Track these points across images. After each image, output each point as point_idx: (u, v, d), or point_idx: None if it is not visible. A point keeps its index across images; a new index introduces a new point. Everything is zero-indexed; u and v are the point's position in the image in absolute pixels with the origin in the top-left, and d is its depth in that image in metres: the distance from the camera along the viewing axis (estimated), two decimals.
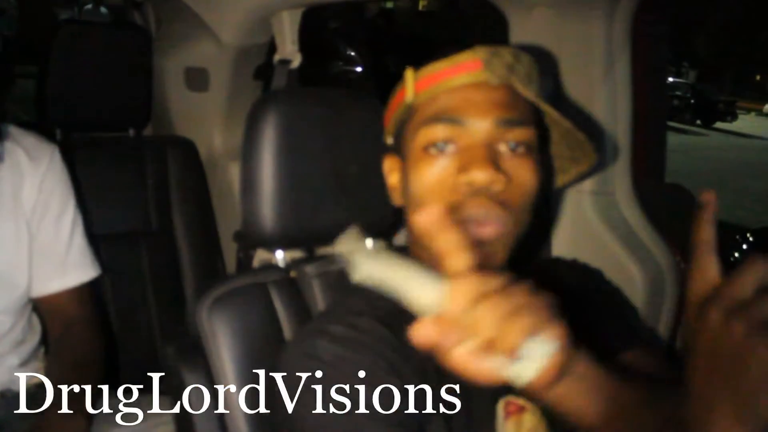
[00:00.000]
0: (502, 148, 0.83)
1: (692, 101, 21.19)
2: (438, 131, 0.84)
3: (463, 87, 0.85)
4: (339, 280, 1.10)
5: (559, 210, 1.39)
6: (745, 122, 23.26)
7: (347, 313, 0.88)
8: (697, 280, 0.62)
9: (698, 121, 21.06)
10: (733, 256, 2.57)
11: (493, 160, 0.81)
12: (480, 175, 0.79)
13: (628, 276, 1.32)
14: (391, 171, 0.96)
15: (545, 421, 0.89)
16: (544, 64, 1.35)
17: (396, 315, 0.86)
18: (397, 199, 0.95)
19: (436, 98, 0.86)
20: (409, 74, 0.90)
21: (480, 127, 0.82)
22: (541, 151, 0.89)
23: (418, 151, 0.86)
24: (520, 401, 0.88)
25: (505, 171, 0.81)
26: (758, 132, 20.73)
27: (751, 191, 10.14)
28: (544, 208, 1.03)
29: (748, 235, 2.77)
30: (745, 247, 2.71)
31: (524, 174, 0.84)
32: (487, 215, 0.81)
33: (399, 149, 0.93)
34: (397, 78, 0.93)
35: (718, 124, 21.37)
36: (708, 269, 0.62)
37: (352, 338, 0.82)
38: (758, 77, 37.63)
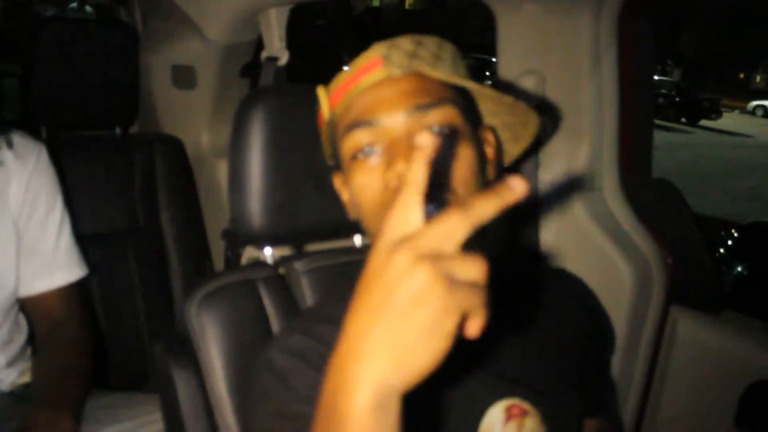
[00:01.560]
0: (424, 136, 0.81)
1: (677, 99, 21.32)
2: (357, 137, 0.84)
3: (371, 88, 0.84)
4: (327, 277, 1.10)
5: (547, 204, 1.40)
6: (730, 120, 23.43)
7: (316, 319, 0.88)
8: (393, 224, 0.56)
9: (683, 119, 21.19)
10: (719, 252, 2.60)
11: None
12: (402, 166, 0.78)
13: (615, 270, 1.33)
14: (341, 188, 0.96)
15: (546, 426, 0.90)
16: (531, 60, 1.36)
17: None
18: (352, 214, 0.94)
19: (350, 106, 0.86)
20: (320, 91, 0.91)
21: (394, 121, 0.82)
22: (475, 122, 0.88)
23: (348, 162, 0.86)
24: (525, 405, 0.89)
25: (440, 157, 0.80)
26: (742, 129, 20.88)
27: (736, 188, 10.23)
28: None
29: (733, 231, 2.80)
30: (730, 243, 2.74)
31: (462, 156, 0.82)
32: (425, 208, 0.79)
33: (338, 164, 0.93)
34: None
35: (703, 122, 21.51)
36: (409, 214, 0.56)
37: (305, 349, 0.82)
38: (742, 75, 37.94)
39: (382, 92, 0.83)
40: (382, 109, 0.82)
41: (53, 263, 1.43)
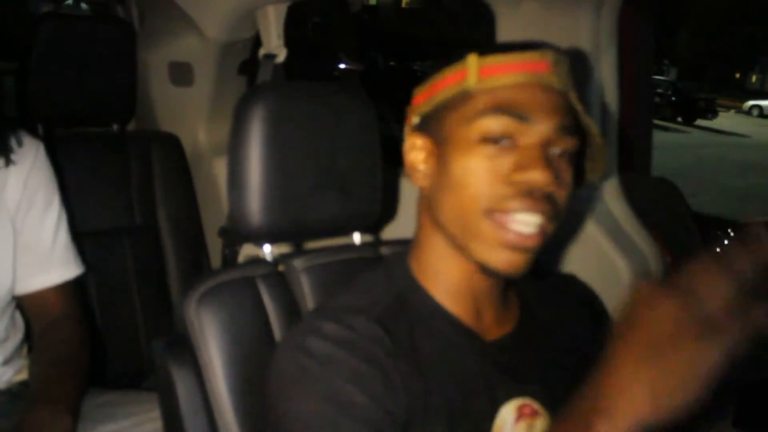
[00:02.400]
0: (554, 152, 0.83)
1: (673, 99, 21.37)
2: (499, 123, 0.81)
3: (529, 85, 0.83)
4: (327, 274, 1.10)
5: None
6: (726, 119, 23.48)
7: (343, 311, 0.87)
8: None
9: (679, 119, 21.24)
10: (715, 251, 2.60)
11: (550, 163, 0.80)
12: (539, 176, 0.79)
13: (614, 268, 1.33)
14: (416, 150, 0.90)
15: None
16: None
17: (393, 315, 0.87)
18: (419, 180, 0.90)
19: (499, 90, 0.83)
20: (473, 59, 0.85)
21: (542, 128, 0.81)
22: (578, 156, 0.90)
23: (472, 140, 0.82)
24: (536, 405, 0.89)
25: (557, 174, 0.82)
26: (738, 129, 20.93)
27: (732, 188, 10.25)
28: None
29: (729, 230, 2.80)
30: (726, 242, 2.74)
31: (567, 179, 0.84)
32: (533, 216, 0.81)
33: (433, 130, 0.88)
34: (384, 73, 0.91)
35: (699, 122, 21.56)
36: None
37: (345, 338, 0.82)
38: (738, 75, 38.03)
39: (541, 96, 0.82)
40: (541, 111, 0.81)
41: (50, 260, 1.42)
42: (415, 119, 0.92)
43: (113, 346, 1.83)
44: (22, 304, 1.43)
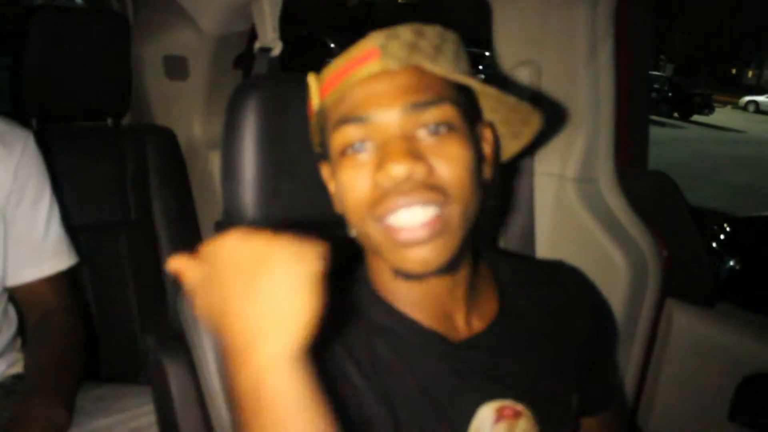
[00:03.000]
0: (421, 133, 0.78)
1: (670, 94, 21.39)
2: (348, 133, 0.80)
3: (365, 80, 0.79)
4: None
5: (542, 196, 1.39)
6: (722, 115, 23.52)
7: None
8: None
9: (675, 114, 21.27)
10: (711, 246, 2.60)
11: (409, 150, 0.76)
12: (395, 169, 0.75)
13: (611, 262, 1.33)
14: (328, 179, 0.91)
15: (540, 427, 0.89)
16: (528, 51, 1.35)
17: (347, 329, 0.84)
18: (337, 207, 0.89)
19: (342, 98, 0.81)
20: (311, 79, 0.86)
21: (388, 119, 0.78)
22: (473, 120, 0.85)
23: (337, 156, 0.82)
24: (518, 406, 0.87)
25: (426, 157, 0.77)
26: (735, 125, 20.97)
27: (728, 183, 10.27)
28: (494, 188, 1.00)
29: (725, 225, 2.80)
30: (722, 237, 2.75)
31: (451, 153, 0.78)
32: (413, 209, 0.77)
33: (326, 155, 0.88)
34: None
35: (696, 117, 21.59)
36: None
37: None
38: (734, 71, 38.09)
39: (378, 86, 0.79)
40: (377, 104, 0.78)
41: (42, 252, 1.41)
42: (317, 150, 0.93)
43: (108, 340, 1.82)
44: (15, 296, 1.43)
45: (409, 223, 0.77)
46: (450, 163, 0.78)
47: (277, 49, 1.77)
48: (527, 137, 0.94)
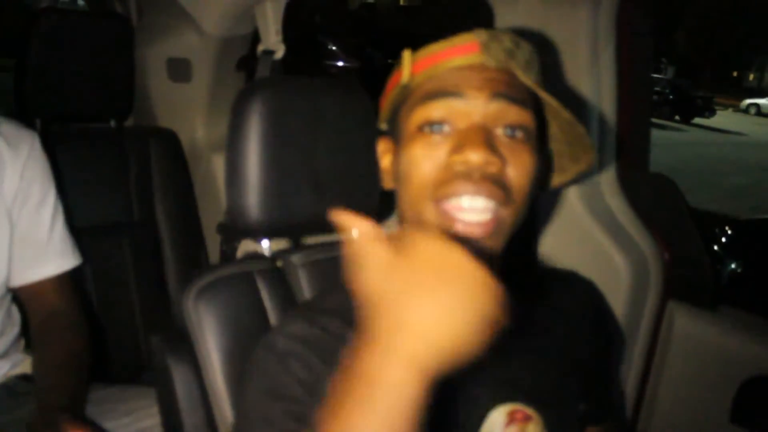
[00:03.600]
0: (499, 132, 0.80)
1: (671, 97, 21.36)
2: (433, 109, 0.81)
3: (460, 68, 0.82)
4: (325, 270, 1.10)
5: (544, 198, 1.40)
6: (723, 118, 23.49)
7: (321, 311, 0.87)
8: None
9: (677, 117, 21.24)
10: (713, 248, 2.60)
11: (489, 142, 0.78)
12: (474, 156, 0.76)
13: (612, 264, 1.33)
14: (384, 153, 0.92)
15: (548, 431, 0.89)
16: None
17: None
18: (387, 183, 0.91)
19: (432, 78, 0.83)
20: (406, 55, 0.87)
21: (475, 102, 0.80)
22: (540, 144, 0.86)
23: (413, 131, 0.83)
24: (528, 410, 0.88)
25: (502, 154, 0.78)
26: (736, 127, 20.95)
27: (729, 186, 10.26)
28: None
29: (727, 228, 2.80)
30: (724, 240, 2.75)
31: (522, 159, 0.80)
32: (477, 199, 0.78)
33: (393, 132, 0.90)
34: (382, 70, 0.92)
35: (697, 120, 21.56)
36: None
37: (311, 337, 0.82)
38: (735, 73, 38.07)
39: (472, 74, 0.81)
40: (468, 87, 0.80)
41: (46, 252, 1.42)
42: (383, 126, 0.94)
43: (112, 341, 1.83)
44: (19, 296, 1.43)
45: (472, 216, 0.78)
46: (520, 168, 0.80)
47: (280, 52, 1.78)
48: (571, 174, 0.97)
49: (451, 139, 0.80)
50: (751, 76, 37.76)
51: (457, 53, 0.82)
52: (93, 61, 1.91)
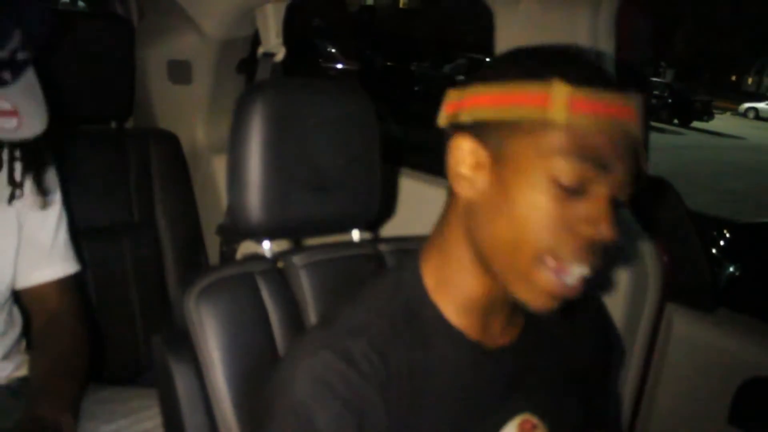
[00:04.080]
0: (618, 201, 0.77)
1: (669, 100, 21.39)
2: (579, 170, 0.73)
3: (613, 130, 0.74)
4: (326, 271, 1.10)
5: None
6: (722, 122, 23.52)
7: (344, 332, 0.82)
8: None
9: (675, 120, 21.27)
10: (711, 252, 2.61)
11: (615, 224, 0.75)
12: (607, 233, 0.74)
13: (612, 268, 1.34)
14: (464, 154, 0.81)
15: None
16: None
17: (396, 333, 0.82)
18: (464, 188, 0.82)
19: (583, 131, 0.74)
20: (560, 87, 0.74)
21: (617, 178, 0.75)
22: None
23: (543, 177, 0.74)
24: (534, 419, 0.88)
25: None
26: (734, 131, 20.97)
27: (728, 189, 10.28)
28: None
29: (725, 231, 2.81)
30: (722, 243, 2.76)
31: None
32: (586, 268, 0.76)
33: (489, 141, 0.79)
34: (382, 73, 0.90)
35: (695, 123, 21.59)
36: None
37: (334, 375, 0.78)
38: (734, 77, 38.12)
39: (624, 144, 0.74)
40: (619, 162, 0.74)
41: (51, 256, 1.42)
42: (465, 118, 0.81)
43: (111, 342, 1.83)
44: (22, 298, 1.43)
45: (573, 281, 0.77)
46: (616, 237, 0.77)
47: (280, 54, 1.79)
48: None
49: (583, 203, 0.75)
50: (750, 80, 37.81)
51: (617, 113, 0.73)
52: (93, 63, 1.91)
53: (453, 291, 0.86)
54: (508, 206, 0.77)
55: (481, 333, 0.87)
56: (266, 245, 1.14)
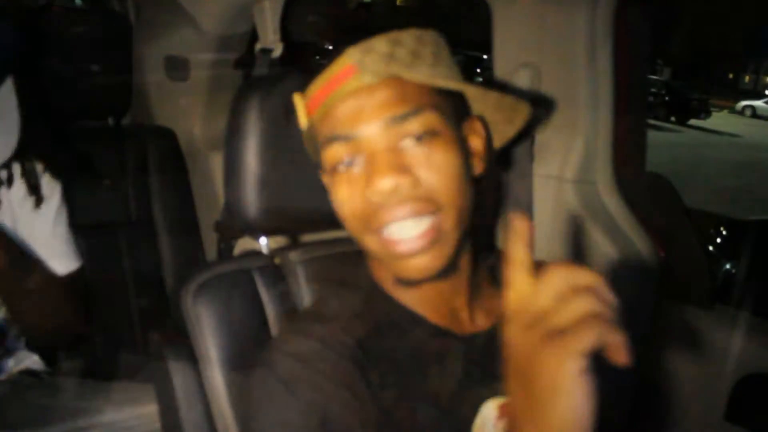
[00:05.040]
0: (406, 143, 0.80)
1: (666, 98, 21.40)
2: (336, 151, 0.82)
3: (347, 97, 0.80)
4: (323, 267, 1.10)
5: (540, 198, 1.40)
6: (719, 119, 23.55)
7: (318, 320, 0.88)
8: (512, 298, 0.62)
9: (672, 118, 21.28)
10: (708, 249, 2.62)
11: (395, 163, 0.78)
12: (381, 183, 0.77)
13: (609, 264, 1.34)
14: (329, 186, 0.90)
15: None
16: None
17: (365, 320, 0.86)
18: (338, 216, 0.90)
19: (327, 115, 0.83)
20: (297, 100, 0.88)
21: (371, 134, 0.79)
22: (458, 121, 0.86)
23: (330, 171, 0.84)
24: None
25: (412, 167, 0.79)
26: (731, 129, 21.00)
27: (725, 187, 10.29)
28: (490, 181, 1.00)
29: (722, 228, 2.82)
30: (719, 240, 2.76)
31: (437, 161, 0.80)
32: (407, 222, 0.79)
33: (322, 168, 0.89)
34: None
35: (692, 121, 21.60)
36: (521, 287, 0.61)
37: (310, 354, 0.82)
38: (731, 75, 38.18)
39: (358, 103, 0.80)
40: (359, 122, 0.79)
41: (48, 252, 1.42)
42: (315, 160, 0.92)
43: (107, 339, 1.83)
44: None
45: (403, 236, 0.79)
46: (437, 172, 0.80)
47: (278, 51, 1.78)
48: (520, 123, 0.95)
49: (363, 170, 0.81)
50: (747, 78, 37.87)
51: (338, 82, 0.81)
52: (90, 60, 1.91)
53: (396, 288, 0.90)
54: (336, 210, 0.87)
55: (449, 321, 0.89)
56: (263, 241, 1.14)
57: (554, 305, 0.57)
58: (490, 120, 0.94)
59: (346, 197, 0.83)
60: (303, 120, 0.88)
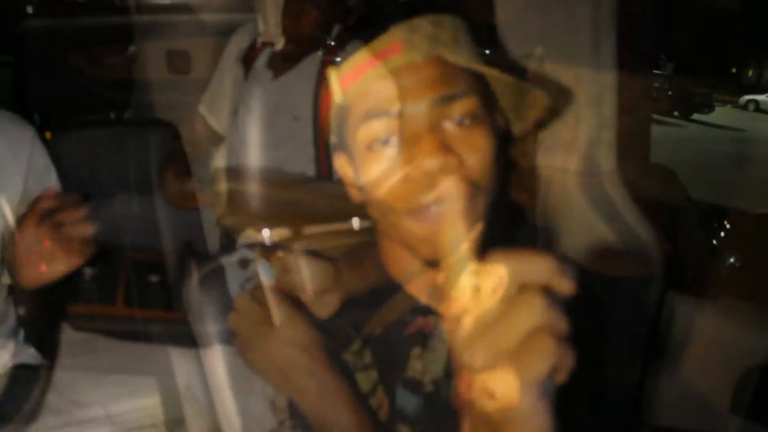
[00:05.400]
0: (447, 124, 0.79)
1: (669, 93, 21.33)
2: (375, 128, 0.79)
3: (390, 74, 0.79)
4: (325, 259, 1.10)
5: (545, 189, 1.40)
6: (722, 114, 23.47)
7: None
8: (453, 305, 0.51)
9: (675, 113, 21.22)
10: (712, 242, 2.61)
11: (441, 143, 0.76)
12: (428, 162, 0.75)
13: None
14: (343, 168, 0.90)
15: None
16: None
17: (357, 306, 0.89)
18: (355, 196, 0.90)
19: (366, 92, 0.81)
20: (332, 74, 0.85)
21: (416, 112, 0.78)
22: (491, 108, 0.85)
23: (363, 150, 0.82)
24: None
25: (455, 149, 0.77)
26: (734, 124, 20.94)
27: (728, 181, 10.27)
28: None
29: (725, 222, 2.81)
30: (722, 234, 2.75)
31: (477, 144, 0.79)
32: (446, 195, 0.77)
33: (345, 147, 0.87)
34: None
35: (696, 116, 21.55)
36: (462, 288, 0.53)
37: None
38: (734, 70, 38.08)
39: (404, 80, 0.78)
40: (404, 99, 0.78)
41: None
42: (333, 139, 0.91)
43: (111, 333, 1.82)
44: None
45: (444, 214, 0.77)
46: (477, 154, 0.79)
47: (279, 44, 1.78)
48: (532, 118, 0.94)
49: (404, 148, 0.79)
50: (750, 72, 37.78)
51: (382, 57, 0.79)
52: (92, 54, 1.90)
53: (408, 274, 0.90)
54: (364, 189, 0.85)
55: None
56: (266, 233, 1.13)
57: (501, 315, 0.46)
58: (511, 109, 0.94)
59: (381, 176, 0.80)
60: (336, 95, 0.85)
